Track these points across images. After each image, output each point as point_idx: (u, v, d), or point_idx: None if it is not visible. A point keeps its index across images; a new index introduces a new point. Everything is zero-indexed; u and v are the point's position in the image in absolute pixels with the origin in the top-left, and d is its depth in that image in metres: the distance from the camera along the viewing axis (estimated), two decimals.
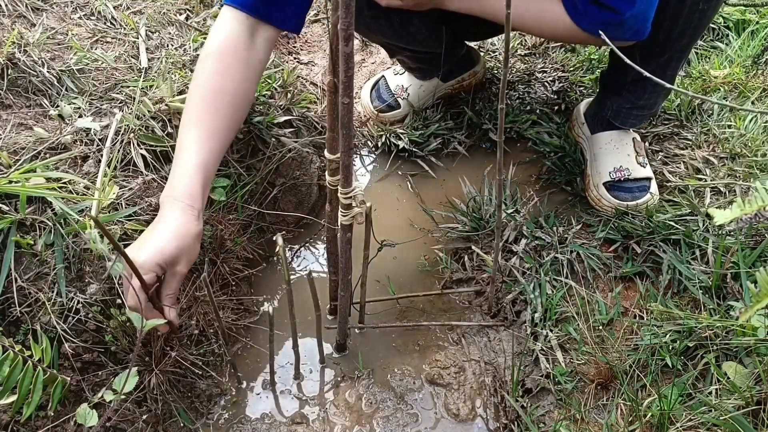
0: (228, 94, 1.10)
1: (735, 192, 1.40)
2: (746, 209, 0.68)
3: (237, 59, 1.11)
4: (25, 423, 0.98)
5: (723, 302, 1.17)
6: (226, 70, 1.10)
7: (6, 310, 1.00)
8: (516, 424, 1.16)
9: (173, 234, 0.97)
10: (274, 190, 1.45)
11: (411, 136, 1.67)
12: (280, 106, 1.45)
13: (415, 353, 1.32)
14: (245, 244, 1.36)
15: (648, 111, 1.44)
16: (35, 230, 1.03)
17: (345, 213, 1.02)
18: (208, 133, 1.07)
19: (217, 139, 1.08)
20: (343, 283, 1.14)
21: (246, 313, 1.35)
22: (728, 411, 0.96)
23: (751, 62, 1.83)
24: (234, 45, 1.11)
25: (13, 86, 1.23)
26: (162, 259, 0.96)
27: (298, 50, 1.95)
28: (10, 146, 1.11)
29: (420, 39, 1.46)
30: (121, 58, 1.38)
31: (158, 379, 1.08)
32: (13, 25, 1.33)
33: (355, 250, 1.09)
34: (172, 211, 0.99)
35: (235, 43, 1.11)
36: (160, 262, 0.95)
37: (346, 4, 0.74)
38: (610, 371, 1.14)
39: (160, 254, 0.95)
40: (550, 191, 1.56)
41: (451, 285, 1.42)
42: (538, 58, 1.92)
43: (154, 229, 0.99)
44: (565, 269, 1.31)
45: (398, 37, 1.45)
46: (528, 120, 1.69)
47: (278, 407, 1.23)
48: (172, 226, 0.98)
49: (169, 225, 0.98)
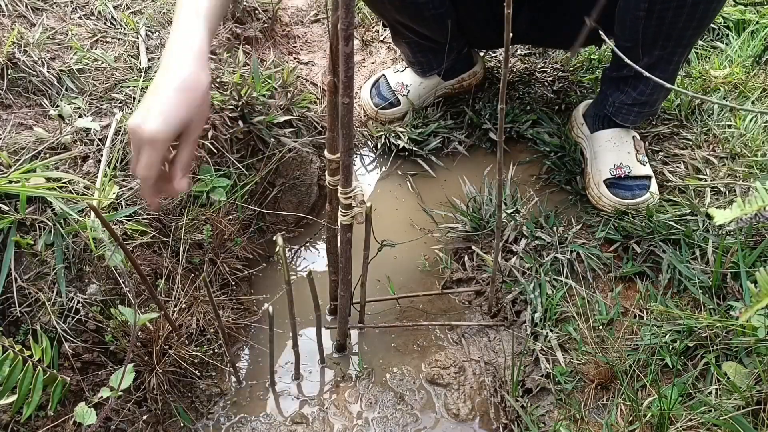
0: None
1: (735, 192, 1.40)
2: (746, 209, 0.68)
3: None
4: (25, 423, 0.98)
5: (723, 302, 1.17)
6: None
7: (6, 310, 1.00)
8: (516, 424, 1.16)
9: (183, 92, 0.86)
10: (274, 190, 1.45)
11: (411, 135, 1.67)
12: (280, 106, 1.45)
13: (415, 353, 1.32)
14: (245, 244, 1.36)
15: (649, 108, 1.44)
16: (35, 230, 1.03)
17: (345, 213, 1.02)
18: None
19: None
20: (343, 283, 1.14)
21: (246, 313, 1.35)
22: (728, 411, 0.96)
23: (751, 62, 1.82)
24: None
25: (13, 86, 1.23)
26: (176, 126, 0.85)
27: (298, 50, 1.95)
28: (10, 146, 1.11)
29: (427, 16, 1.44)
30: (121, 58, 1.38)
31: (158, 379, 1.08)
32: (13, 25, 1.33)
33: (355, 250, 1.09)
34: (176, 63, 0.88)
35: None
36: (175, 130, 0.85)
37: (346, 4, 0.74)
38: (610, 371, 1.14)
39: (173, 121, 0.85)
40: (550, 191, 1.56)
41: (451, 285, 1.42)
42: (538, 58, 1.92)
43: (157, 86, 0.87)
44: (565, 269, 1.32)
45: (405, 6, 1.43)
46: (528, 120, 1.69)
47: (278, 407, 1.23)
48: (179, 81, 0.87)
49: (176, 81, 0.87)
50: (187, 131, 0.88)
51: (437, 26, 1.48)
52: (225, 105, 1.32)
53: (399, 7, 1.44)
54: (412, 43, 1.59)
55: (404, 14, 1.47)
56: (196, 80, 0.88)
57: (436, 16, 1.45)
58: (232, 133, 1.32)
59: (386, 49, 1.96)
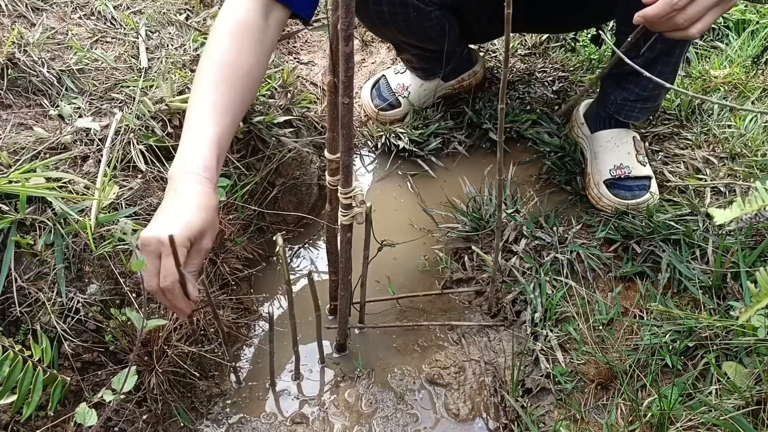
0: (243, 70, 1.07)
1: (735, 192, 1.40)
2: (746, 209, 0.68)
3: (253, 36, 1.08)
4: (25, 423, 0.98)
5: (723, 302, 1.17)
6: (243, 46, 1.07)
7: (6, 310, 1.00)
8: (516, 424, 1.16)
9: (197, 206, 0.91)
10: (274, 190, 1.45)
11: (411, 136, 1.67)
12: (280, 106, 1.45)
13: (415, 353, 1.32)
14: (245, 244, 1.36)
15: (652, 103, 1.44)
16: (35, 230, 1.03)
17: (345, 213, 1.02)
18: (223, 107, 1.03)
19: (230, 114, 1.04)
20: (343, 283, 1.14)
21: (246, 313, 1.35)
22: (728, 411, 0.96)
23: (751, 62, 1.82)
24: (250, 22, 1.08)
25: (13, 86, 1.23)
26: (191, 233, 0.89)
27: (298, 50, 1.95)
28: (10, 146, 1.11)
29: (433, 36, 1.46)
30: (121, 58, 1.38)
31: (158, 379, 1.08)
32: (13, 25, 1.33)
33: (355, 250, 1.09)
34: (188, 184, 0.93)
35: (250, 20, 1.08)
36: (189, 236, 0.89)
37: (346, 4, 0.74)
38: (610, 371, 1.14)
39: (188, 228, 0.89)
40: (550, 191, 1.56)
41: (451, 285, 1.42)
42: (538, 58, 1.92)
43: (173, 204, 0.92)
44: (565, 269, 1.31)
45: (412, 32, 1.45)
46: (528, 120, 1.69)
47: (278, 407, 1.23)
48: (194, 199, 0.92)
49: (191, 198, 0.92)
50: (199, 242, 0.92)
51: (442, 42, 1.50)
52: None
53: (405, 33, 1.47)
54: (416, 54, 1.61)
55: (410, 37, 1.49)
56: (207, 199, 0.93)
57: (442, 35, 1.47)
58: None
59: (386, 49, 1.96)
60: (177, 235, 0.86)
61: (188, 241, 0.89)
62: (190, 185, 0.93)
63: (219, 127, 1.00)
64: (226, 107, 1.03)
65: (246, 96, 1.09)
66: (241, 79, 1.06)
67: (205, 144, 0.97)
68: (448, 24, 1.46)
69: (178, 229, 0.87)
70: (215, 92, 1.03)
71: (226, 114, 1.03)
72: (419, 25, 1.42)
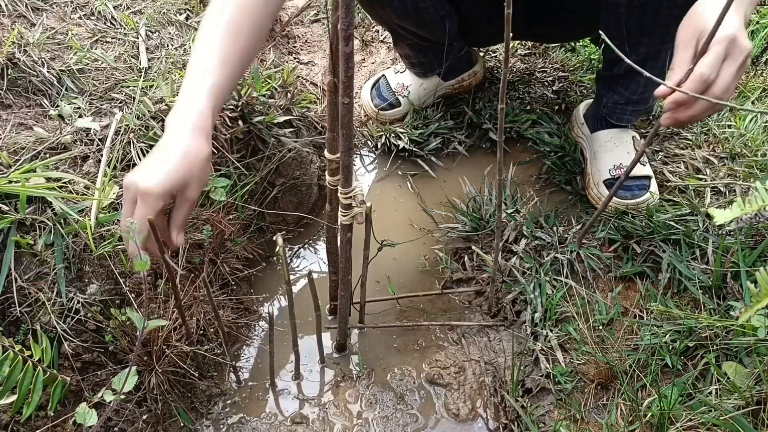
0: (247, 26, 1.05)
1: (735, 192, 1.40)
2: (746, 209, 0.68)
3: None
4: (25, 423, 0.98)
5: (723, 302, 1.17)
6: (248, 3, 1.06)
7: (6, 310, 1.00)
8: (516, 424, 1.16)
9: (183, 157, 0.91)
10: (274, 190, 1.45)
11: (411, 135, 1.67)
12: (280, 106, 1.45)
13: (415, 353, 1.32)
14: (245, 244, 1.36)
15: (642, 106, 1.44)
16: (35, 230, 1.03)
17: (345, 213, 1.02)
18: (224, 59, 1.01)
19: (231, 66, 1.02)
20: (343, 283, 1.14)
21: (246, 313, 1.35)
22: (728, 411, 0.96)
23: (751, 62, 1.82)
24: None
25: (13, 86, 1.23)
26: (172, 184, 0.89)
27: (298, 50, 1.95)
28: (10, 146, 1.11)
29: (428, 19, 1.45)
30: (121, 58, 1.38)
31: (158, 379, 1.08)
32: (13, 25, 1.32)
33: (355, 250, 1.09)
34: (180, 133, 0.93)
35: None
36: (170, 188, 0.89)
37: (346, 4, 0.74)
38: (610, 371, 1.14)
39: (168, 179, 0.89)
40: (550, 191, 1.56)
41: (451, 285, 1.42)
42: (538, 58, 1.92)
43: (160, 153, 0.92)
44: (565, 269, 1.31)
45: (407, 13, 1.43)
46: (528, 120, 1.69)
47: (278, 407, 1.23)
48: (181, 148, 0.91)
49: (178, 147, 0.91)
50: (183, 193, 0.92)
51: (438, 29, 1.49)
52: (225, 105, 1.32)
53: (400, 14, 1.45)
54: (412, 45, 1.60)
55: (406, 20, 1.47)
56: (196, 148, 0.92)
57: (437, 20, 1.45)
58: (232, 133, 1.32)
59: (386, 49, 1.96)
60: (155, 185, 0.87)
61: (168, 194, 0.89)
62: (181, 135, 0.93)
63: (218, 77, 0.99)
64: (229, 58, 1.02)
65: (251, 49, 1.07)
66: (246, 33, 1.05)
67: (202, 93, 0.97)
68: (443, 11, 1.44)
69: (157, 180, 0.88)
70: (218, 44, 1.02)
71: (228, 65, 1.01)
72: (414, 5, 1.41)
